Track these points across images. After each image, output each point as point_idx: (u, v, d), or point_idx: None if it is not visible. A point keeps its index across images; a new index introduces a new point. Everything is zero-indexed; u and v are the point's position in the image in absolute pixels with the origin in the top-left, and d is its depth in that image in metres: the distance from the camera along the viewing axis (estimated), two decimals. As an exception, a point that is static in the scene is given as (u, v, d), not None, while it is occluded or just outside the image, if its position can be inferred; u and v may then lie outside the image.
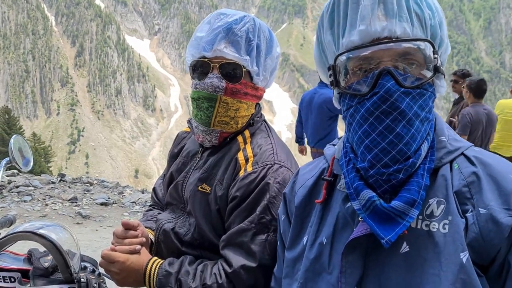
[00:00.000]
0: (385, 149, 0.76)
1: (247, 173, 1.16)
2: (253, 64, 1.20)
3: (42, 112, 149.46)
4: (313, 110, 4.90)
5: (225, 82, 1.19)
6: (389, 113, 0.76)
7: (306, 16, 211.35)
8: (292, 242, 0.94)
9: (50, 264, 1.18)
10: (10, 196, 6.24)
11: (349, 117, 0.82)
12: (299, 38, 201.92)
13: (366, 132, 0.78)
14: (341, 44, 0.82)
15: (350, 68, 0.81)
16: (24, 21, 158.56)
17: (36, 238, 1.09)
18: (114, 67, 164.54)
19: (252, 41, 1.19)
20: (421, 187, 0.75)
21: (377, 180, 0.77)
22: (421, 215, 0.76)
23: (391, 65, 0.78)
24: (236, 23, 1.17)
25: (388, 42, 0.77)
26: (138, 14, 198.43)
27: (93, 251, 4.57)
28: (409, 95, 0.77)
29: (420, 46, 0.78)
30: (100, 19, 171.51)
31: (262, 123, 1.33)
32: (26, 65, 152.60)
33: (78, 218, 5.62)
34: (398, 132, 0.75)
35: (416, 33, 0.78)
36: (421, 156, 0.77)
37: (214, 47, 1.18)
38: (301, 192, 0.97)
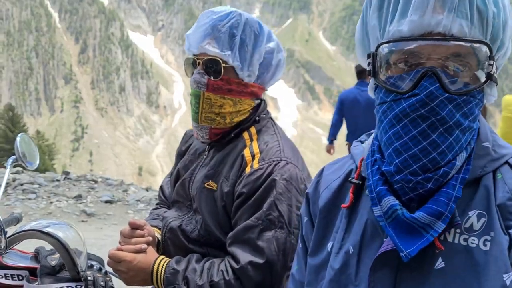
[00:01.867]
0: (416, 155, 0.69)
1: (254, 170, 1.17)
2: (235, 59, 1.20)
3: (45, 109, 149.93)
4: (361, 109, 4.99)
5: (207, 78, 1.20)
6: (427, 118, 0.69)
7: (311, 12, 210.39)
8: (316, 247, 0.88)
9: (57, 262, 1.18)
10: (15, 194, 6.21)
11: (381, 113, 0.75)
12: (304, 34, 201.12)
13: (397, 134, 0.71)
14: (387, 32, 0.73)
15: (392, 60, 0.72)
16: (28, 18, 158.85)
17: (43, 236, 1.10)
18: (118, 63, 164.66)
19: (235, 36, 1.19)
20: (451, 199, 0.68)
21: (402, 187, 0.70)
22: (459, 228, 0.69)
23: (439, 65, 0.69)
24: (221, 20, 1.19)
25: (441, 39, 0.68)
26: (142, 10, 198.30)
27: (98, 249, 4.52)
28: (453, 102, 0.69)
29: (476, 48, 0.68)
30: (104, 15, 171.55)
31: (268, 120, 1.33)
32: (30, 62, 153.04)
33: (83, 216, 5.59)
34: (434, 139, 0.69)
35: (474, 33, 0.68)
36: (456, 167, 0.70)
37: (199, 44, 1.21)
38: (325, 194, 0.90)
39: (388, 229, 0.71)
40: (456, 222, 0.68)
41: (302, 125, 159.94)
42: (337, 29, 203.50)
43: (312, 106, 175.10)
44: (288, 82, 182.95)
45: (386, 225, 0.71)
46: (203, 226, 1.24)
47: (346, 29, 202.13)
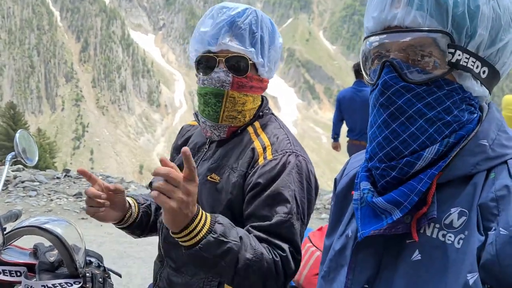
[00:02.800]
0: (381, 143, 0.73)
1: (268, 161, 1.17)
2: (258, 55, 1.21)
3: (47, 107, 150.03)
4: (358, 108, 5.10)
5: (232, 76, 1.19)
6: (387, 107, 0.72)
7: (311, 11, 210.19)
8: (331, 230, 0.93)
9: (56, 258, 1.17)
10: (16, 191, 6.25)
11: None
12: (305, 33, 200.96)
13: (370, 123, 0.76)
14: (365, 29, 0.80)
15: (370, 55, 0.77)
16: (29, 17, 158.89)
17: (41, 232, 1.09)
18: (119, 62, 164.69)
19: (256, 33, 1.19)
20: (414, 191, 0.69)
21: (375, 174, 0.75)
22: (439, 223, 0.70)
23: (400, 57, 0.71)
24: (239, 16, 1.18)
25: (396, 32, 0.71)
26: (143, 9, 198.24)
27: (98, 246, 4.57)
28: (412, 91, 0.70)
29: (436, 38, 0.69)
30: (105, 14, 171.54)
31: (271, 116, 1.34)
32: (31, 61, 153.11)
33: (83, 213, 5.62)
34: (394, 128, 0.71)
35: (431, 23, 0.69)
36: (424, 158, 0.70)
37: (219, 41, 1.18)
38: (344, 180, 0.95)
39: (357, 212, 0.76)
40: (431, 216, 0.68)
41: (302, 124, 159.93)
42: (338, 29, 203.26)
43: (312, 105, 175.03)
44: (289, 82, 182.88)
45: (357, 208, 0.76)
46: None
47: (346, 28, 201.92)
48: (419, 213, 0.69)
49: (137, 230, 1.39)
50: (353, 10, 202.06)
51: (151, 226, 1.43)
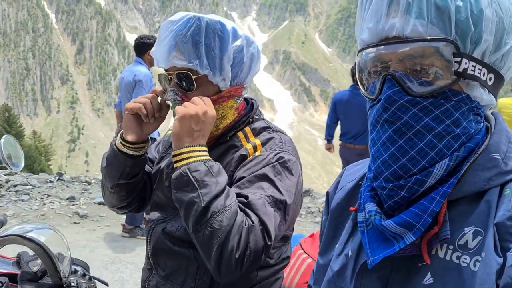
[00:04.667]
0: (386, 161, 0.67)
1: (255, 156, 1.15)
2: (204, 67, 1.14)
3: (42, 110, 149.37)
4: (354, 111, 5.12)
5: (180, 95, 1.17)
6: (392, 123, 0.67)
7: (307, 14, 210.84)
8: (325, 247, 0.88)
9: (39, 268, 1.14)
10: (8, 195, 6.19)
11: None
12: (301, 36, 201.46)
13: (372, 140, 0.71)
14: (359, 41, 0.74)
15: (368, 68, 0.72)
16: (25, 19, 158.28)
17: (24, 241, 1.07)
18: (114, 64, 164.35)
19: (200, 44, 1.13)
20: (427, 212, 0.64)
21: (381, 194, 0.69)
22: (453, 244, 0.64)
23: (401, 69, 0.67)
24: (181, 29, 1.13)
25: (395, 43, 0.66)
26: (139, 11, 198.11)
27: (90, 251, 4.53)
28: (418, 105, 0.65)
29: (439, 47, 0.64)
30: (100, 16, 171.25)
31: (263, 121, 1.29)
32: (26, 63, 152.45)
33: (76, 218, 5.57)
34: (401, 145, 0.66)
35: (432, 31, 0.64)
36: (435, 175, 0.65)
37: (166, 59, 1.16)
38: (339, 195, 0.89)
39: (364, 235, 0.71)
40: (444, 236, 0.63)
41: (298, 127, 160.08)
42: (333, 31, 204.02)
43: (308, 108, 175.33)
44: (284, 84, 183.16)
45: (363, 231, 0.71)
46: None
47: (342, 31, 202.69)
48: (430, 233, 0.64)
49: (136, 172, 1.28)
50: (348, 13, 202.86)
51: (138, 193, 1.35)
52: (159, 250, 1.23)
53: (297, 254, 1.61)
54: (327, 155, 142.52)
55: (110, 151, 1.26)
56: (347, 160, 5.40)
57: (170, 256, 1.20)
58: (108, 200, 1.36)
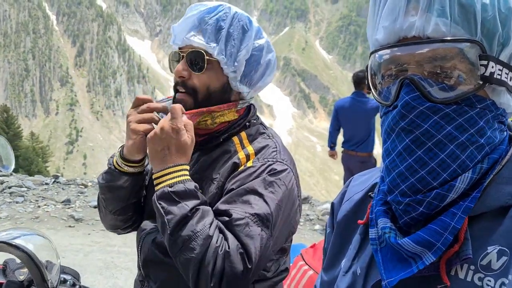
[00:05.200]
0: (403, 173, 0.61)
1: (246, 167, 1.10)
2: (220, 52, 1.12)
3: (41, 111, 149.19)
4: (357, 118, 5.10)
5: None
6: (410, 131, 0.61)
7: (308, 21, 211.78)
8: (330, 262, 0.81)
9: (26, 277, 1.10)
10: (2, 197, 6.09)
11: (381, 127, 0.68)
12: (301, 43, 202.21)
13: (387, 150, 0.64)
14: (373, 41, 0.68)
15: (382, 71, 0.66)
16: (25, 20, 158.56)
17: (10, 249, 1.02)
18: (114, 67, 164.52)
19: (222, 29, 1.12)
20: (448, 229, 0.58)
21: (396, 209, 0.63)
22: (474, 264, 0.58)
23: (419, 72, 0.61)
24: (208, 12, 1.13)
25: (414, 43, 0.60)
26: (140, 15, 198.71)
27: (84, 255, 4.44)
28: (440, 112, 0.59)
29: (463, 48, 0.58)
30: (102, 19, 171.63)
31: (259, 126, 1.25)
32: (26, 64, 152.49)
33: (71, 221, 5.48)
34: (420, 155, 0.60)
35: (456, 31, 0.58)
36: (457, 189, 0.59)
37: (184, 36, 1.14)
38: (346, 206, 0.83)
39: (377, 254, 0.65)
40: (466, 256, 0.57)
41: (297, 133, 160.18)
42: (334, 39, 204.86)
43: (307, 114, 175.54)
44: (284, 90, 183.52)
45: (376, 249, 0.65)
46: None
47: (342, 38, 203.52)
48: (450, 252, 0.58)
49: (136, 183, 1.23)
50: (349, 20, 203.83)
51: (136, 203, 1.28)
52: (150, 262, 1.19)
53: (298, 265, 1.57)
54: (325, 162, 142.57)
55: (111, 177, 1.19)
56: (349, 167, 5.34)
57: (161, 268, 1.16)
58: (110, 223, 1.31)
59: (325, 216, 5.97)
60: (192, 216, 0.98)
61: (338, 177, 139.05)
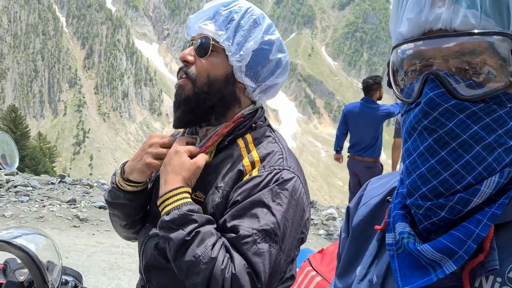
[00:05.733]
0: (424, 175, 0.57)
1: (251, 177, 1.07)
2: (227, 39, 1.12)
3: (49, 112, 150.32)
4: (366, 123, 5.10)
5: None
6: (433, 130, 0.56)
7: (315, 27, 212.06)
8: (344, 269, 0.77)
9: (26, 278, 1.08)
10: (7, 196, 6.12)
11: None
12: (307, 48, 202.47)
13: (408, 150, 0.60)
14: (396, 35, 0.64)
15: (405, 67, 0.62)
16: (35, 22, 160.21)
17: (10, 248, 0.99)
18: (122, 70, 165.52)
19: (234, 20, 1.13)
20: (471, 237, 0.54)
21: (416, 213, 0.59)
22: (501, 277, 0.53)
23: (445, 67, 0.56)
24: (224, 5, 1.15)
25: (440, 36, 0.56)
26: (148, 18, 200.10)
27: (88, 256, 4.44)
28: (466, 110, 0.55)
29: (494, 42, 0.54)
30: (111, 22, 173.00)
31: (266, 128, 1.21)
32: (35, 65, 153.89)
33: (76, 221, 5.49)
34: (443, 157, 0.56)
35: (486, 24, 0.54)
36: (482, 194, 0.55)
37: (197, 25, 1.16)
38: (362, 211, 0.78)
39: (393, 260, 0.61)
40: (492, 267, 0.53)
41: (302, 138, 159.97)
42: (340, 45, 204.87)
43: (312, 119, 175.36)
44: (290, 95, 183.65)
45: (393, 255, 0.61)
46: None
47: (348, 45, 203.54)
48: (474, 262, 0.54)
49: (140, 200, 1.23)
50: (355, 27, 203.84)
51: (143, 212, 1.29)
52: (151, 267, 1.17)
53: (305, 271, 1.53)
54: (329, 167, 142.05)
55: (115, 195, 1.20)
56: (354, 172, 5.32)
57: (163, 274, 1.14)
58: (123, 235, 1.34)
59: (329, 221, 5.95)
60: (192, 240, 0.97)
61: (342, 183, 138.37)
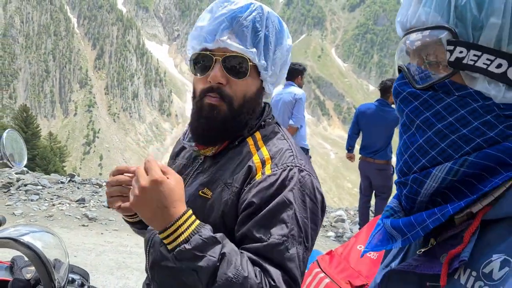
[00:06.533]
0: (397, 155, 0.66)
1: (266, 176, 1.03)
2: (261, 57, 1.08)
3: (59, 112, 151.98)
4: (378, 126, 5.04)
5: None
6: (400, 116, 0.66)
7: (325, 28, 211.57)
8: (384, 258, 0.80)
9: (33, 275, 1.07)
10: (18, 194, 6.17)
11: None
12: (317, 50, 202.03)
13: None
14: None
15: (399, 63, 0.68)
16: (47, 22, 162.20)
17: (17, 246, 0.98)
18: (132, 70, 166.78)
19: (260, 32, 1.07)
20: (422, 225, 0.58)
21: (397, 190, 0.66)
22: (476, 271, 0.55)
23: (415, 61, 0.63)
24: (241, 12, 1.06)
25: (407, 34, 0.63)
26: (159, 19, 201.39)
27: (96, 255, 4.44)
28: (419, 98, 0.61)
29: (438, 35, 0.58)
30: (121, 23, 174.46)
31: (274, 126, 1.20)
32: (47, 65, 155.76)
33: (84, 220, 5.51)
34: (405, 140, 0.64)
35: (433, 19, 0.59)
36: (435, 178, 0.59)
37: (217, 38, 1.05)
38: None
39: (375, 229, 0.68)
40: (462, 258, 0.55)
41: (311, 140, 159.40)
42: (350, 47, 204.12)
43: (321, 121, 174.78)
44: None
45: (377, 225, 0.68)
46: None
47: (358, 47, 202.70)
48: (452, 252, 0.56)
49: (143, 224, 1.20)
50: (366, 29, 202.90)
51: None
52: (156, 267, 1.10)
53: (313, 272, 1.53)
54: (338, 169, 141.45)
55: (127, 222, 1.22)
56: (366, 175, 5.26)
57: (170, 273, 1.06)
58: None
59: (338, 223, 5.90)
60: (220, 264, 0.91)
61: (351, 185, 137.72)
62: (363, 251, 0.67)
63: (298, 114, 4.97)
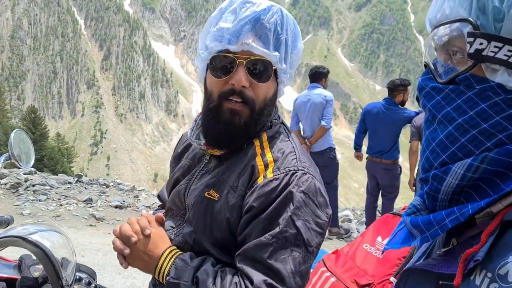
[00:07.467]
0: (421, 152, 0.65)
1: (268, 180, 1.02)
2: (282, 60, 1.08)
3: (67, 113, 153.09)
4: (382, 124, 5.03)
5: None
6: (424, 112, 0.65)
7: (331, 28, 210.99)
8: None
9: (41, 274, 1.08)
10: (26, 195, 6.22)
11: None
12: (323, 50, 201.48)
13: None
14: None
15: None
16: (55, 24, 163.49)
17: (25, 244, 0.99)
18: (139, 71, 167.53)
19: (281, 35, 1.06)
20: (440, 224, 0.57)
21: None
22: (492, 272, 0.53)
23: (440, 56, 0.62)
24: (264, 14, 1.03)
25: (434, 28, 0.62)
26: (165, 20, 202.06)
27: (104, 255, 4.46)
28: (441, 92, 0.60)
29: (460, 28, 0.57)
30: (128, 24, 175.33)
31: (280, 126, 1.19)
32: (54, 67, 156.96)
33: (92, 220, 5.54)
34: (427, 135, 0.63)
35: (456, 13, 0.58)
36: (455, 174, 0.57)
37: (241, 40, 1.03)
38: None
39: (397, 227, 0.68)
40: (476, 258, 0.54)
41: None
42: (356, 47, 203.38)
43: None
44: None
45: (400, 223, 0.68)
46: (195, 240, 1.10)
47: (365, 46, 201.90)
48: (469, 251, 0.55)
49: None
50: (372, 29, 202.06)
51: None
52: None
53: (319, 271, 1.53)
54: (344, 169, 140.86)
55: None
56: (373, 174, 5.23)
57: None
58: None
59: (345, 223, 5.87)
60: (197, 286, 0.98)
61: (357, 185, 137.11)
62: (384, 248, 0.66)
63: (329, 115, 5.07)
